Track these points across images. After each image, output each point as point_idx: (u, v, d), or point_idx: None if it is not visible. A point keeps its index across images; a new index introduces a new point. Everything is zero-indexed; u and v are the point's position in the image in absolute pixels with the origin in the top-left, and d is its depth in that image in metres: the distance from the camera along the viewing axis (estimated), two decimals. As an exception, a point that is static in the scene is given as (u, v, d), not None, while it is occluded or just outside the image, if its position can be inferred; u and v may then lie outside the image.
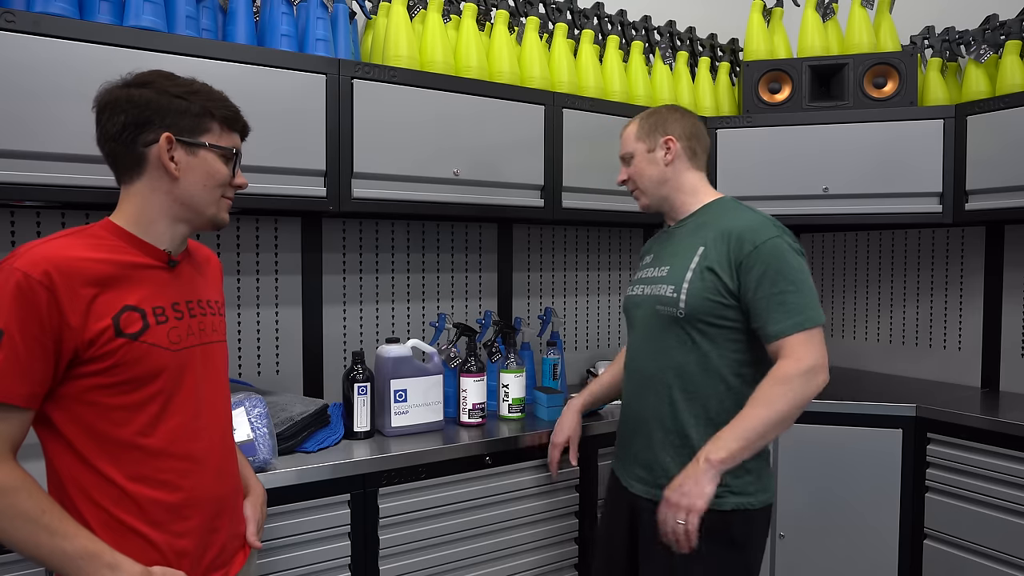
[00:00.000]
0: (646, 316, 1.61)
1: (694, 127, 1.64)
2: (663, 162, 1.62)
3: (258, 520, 1.30)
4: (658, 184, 1.64)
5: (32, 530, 0.98)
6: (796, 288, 1.42)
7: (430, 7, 2.13)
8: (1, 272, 0.99)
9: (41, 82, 1.50)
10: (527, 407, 2.18)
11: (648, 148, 1.63)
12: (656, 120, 1.64)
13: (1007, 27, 2.45)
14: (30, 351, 0.97)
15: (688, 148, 1.63)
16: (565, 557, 2.03)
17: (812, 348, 1.40)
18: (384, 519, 1.74)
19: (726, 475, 1.42)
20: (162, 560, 1.09)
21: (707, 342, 1.50)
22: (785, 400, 1.38)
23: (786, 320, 1.41)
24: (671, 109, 1.67)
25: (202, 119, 1.12)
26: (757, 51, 2.70)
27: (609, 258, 2.82)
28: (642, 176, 1.65)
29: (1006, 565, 2.01)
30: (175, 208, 1.13)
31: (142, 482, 1.07)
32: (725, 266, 1.47)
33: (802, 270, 1.45)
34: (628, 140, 1.68)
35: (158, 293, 1.11)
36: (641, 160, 1.65)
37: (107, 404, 1.04)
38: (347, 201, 1.87)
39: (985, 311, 2.60)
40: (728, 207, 1.59)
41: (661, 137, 1.62)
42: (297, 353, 2.16)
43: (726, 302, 1.47)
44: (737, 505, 1.47)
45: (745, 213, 1.54)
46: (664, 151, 1.62)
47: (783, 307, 1.41)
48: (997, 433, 2.03)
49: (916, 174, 2.39)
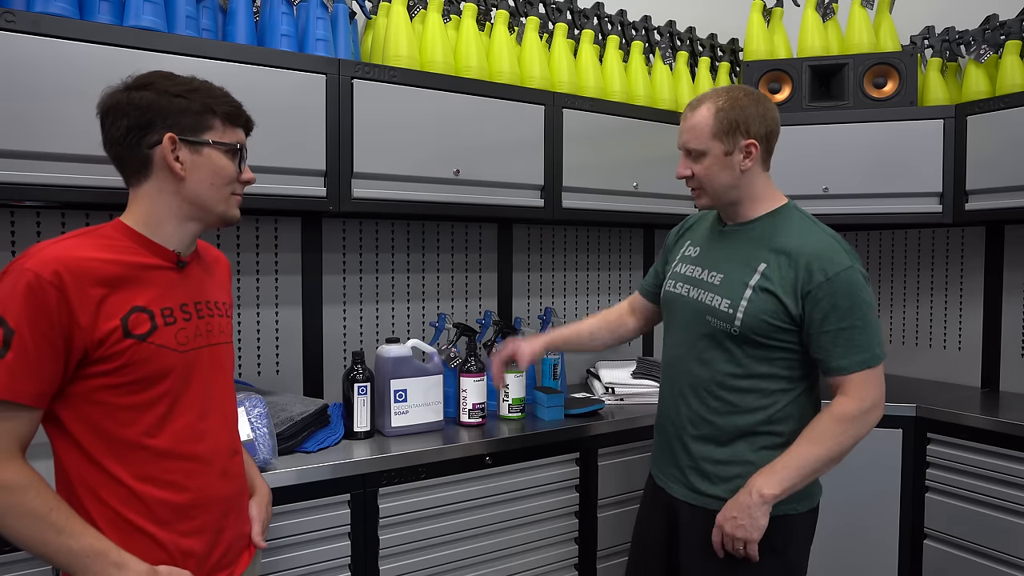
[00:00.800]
0: (691, 321, 1.52)
1: (775, 122, 1.46)
2: (740, 167, 1.44)
3: (263, 520, 1.30)
4: (730, 189, 1.46)
5: (40, 528, 0.98)
6: (864, 324, 1.36)
7: (430, 7, 2.13)
8: (12, 272, 0.99)
9: (41, 82, 1.50)
10: (527, 407, 2.18)
11: (726, 151, 1.43)
12: (737, 116, 1.41)
13: (1007, 27, 2.45)
14: (40, 350, 0.98)
15: (767, 150, 1.46)
16: (565, 557, 2.03)
17: (873, 387, 1.38)
18: (384, 519, 1.73)
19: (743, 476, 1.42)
20: (168, 559, 1.09)
21: (756, 359, 1.44)
22: (844, 439, 1.37)
23: (852, 357, 1.37)
24: (752, 99, 1.43)
25: (203, 116, 1.12)
26: (757, 51, 2.70)
27: (609, 258, 2.82)
28: (713, 180, 1.45)
29: (1006, 565, 2.01)
30: (184, 207, 1.13)
31: (149, 482, 1.08)
32: (790, 291, 1.38)
33: (871, 305, 1.38)
34: (700, 134, 1.44)
35: (167, 294, 1.12)
36: (715, 163, 1.44)
37: (115, 404, 1.05)
38: (347, 201, 1.87)
39: (985, 311, 2.60)
40: (795, 220, 1.46)
41: (743, 140, 1.42)
42: (297, 353, 2.16)
43: (785, 326, 1.40)
44: (778, 512, 1.41)
45: (814, 232, 1.43)
46: (743, 155, 1.43)
47: (850, 344, 1.36)
48: (997, 433, 2.03)
49: (916, 174, 2.39)
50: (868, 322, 1.37)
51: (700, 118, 1.44)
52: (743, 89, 1.46)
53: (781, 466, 1.37)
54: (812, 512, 1.50)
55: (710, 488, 1.49)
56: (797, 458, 1.37)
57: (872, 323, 1.38)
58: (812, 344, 1.40)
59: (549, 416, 2.09)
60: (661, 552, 1.60)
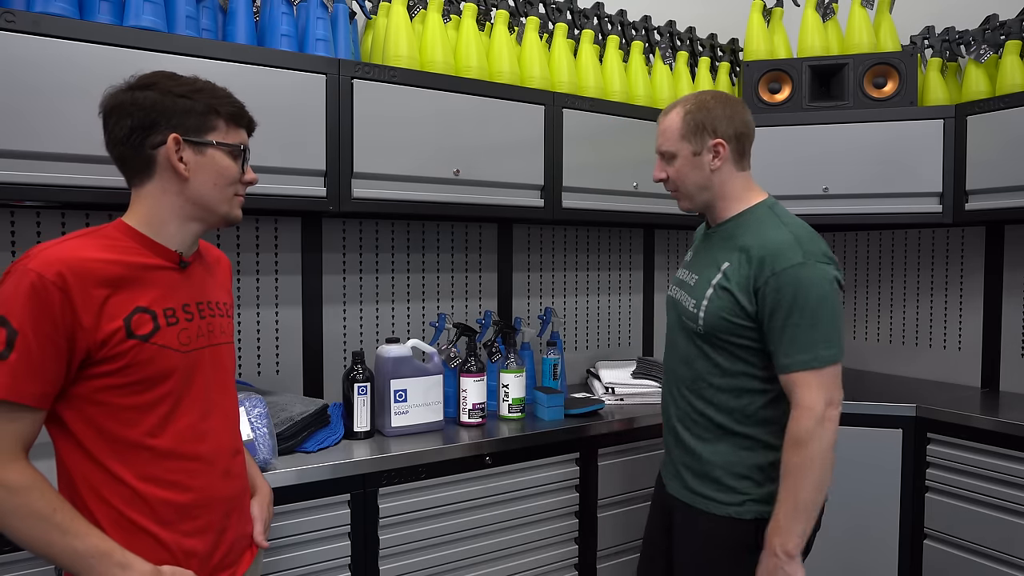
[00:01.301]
0: (675, 322, 1.58)
1: (744, 123, 1.49)
2: (709, 167, 1.48)
3: (265, 520, 1.31)
4: (702, 189, 1.51)
5: (44, 528, 0.98)
6: (812, 323, 1.33)
7: (430, 7, 2.13)
8: (15, 273, 0.99)
9: (41, 82, 1.50)
10: (527, 407, 2.18)
11: (694, 151, 1.48)
12: (704, 117, 1.47)
13: (1007, 27, 2.45)
14: (43, 351, 0.98)
15: (737, 150, 1.49)
16: (565, 557, 2.03)
17: (819, 391, 1.33)
18: (384, 519, 1.73)
19: (745, 484, 1.43)
20: (171, 559, 1.09)
21: (726, 357, 1.45)
22: (815, 460, 1.33)
23: (793, 356, 1.35)
24: (719, 101, 1.49)
25: (207, 117, 1.12)
26: (757, 51, 2.70)
27: (609, 258, 2.82)
28: (685, 180, 1.51)
29: (1006, 565, 2.01)
30: (187, 208, 1.13)
31: (152, 482, 1.08)
32: (745, 288, 1.40)
33: (823, 302, 1.34)
34: (670, 136, 1.50)
35: (169, 294, 1.12)
36: (685, 164, 1.49)
37: (117, 404, 1.05)
38: (347, 201, 1.87)
39: (985, 311, 2.60)
40: (763, 218, 1.46)
41: (710, 140, 1.47)
42: (297, 353, 2.16)
43: (743, 323, 1.41)
44: (759, 514, 1.43)
45: (773, 229, 1.42)
46: (712, 155, 1.47)
47: (792, 342, 1.34)
48: (997, 433, 2.03)
49: (916, 174, 2.39)
50: (816, 321, 1.34)
51: (670, 122, 1.51)
52: (712, 92, 1.51)
53: (783, 516, 1.36)
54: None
55: (701, 487, 1.50)
56: (792, 502, 1.35)
57: (821, 323, 1.34)
58: (767, 341, 1.40)
59: (549, 416, 2.09)
60: (663, 549, 1.62)
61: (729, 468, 1.46)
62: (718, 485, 1.47)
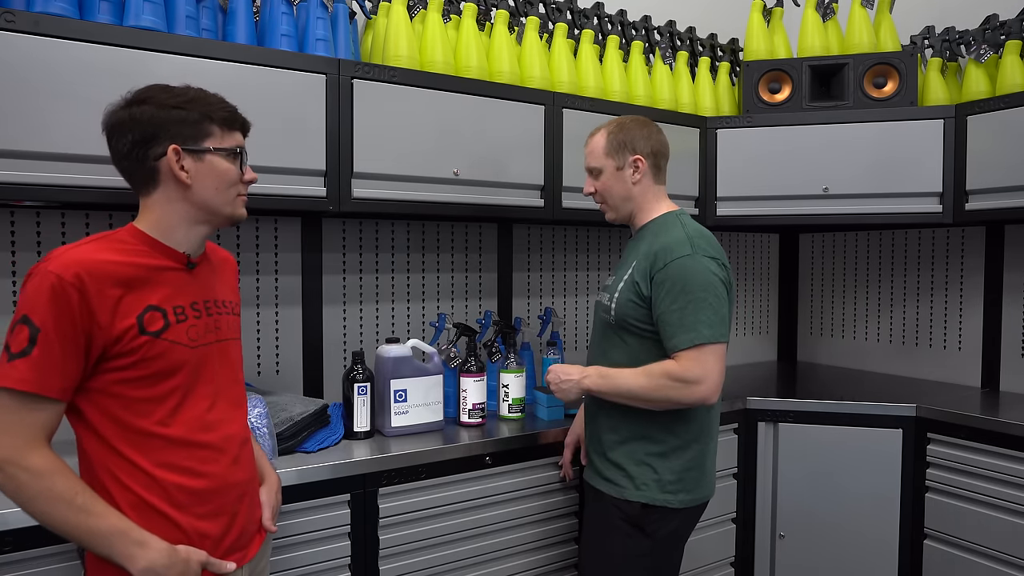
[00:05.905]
0: (596, 321, 1.76)
1: (660, 143, 1.70)
2: (631, 180, 1.67)
3: (273, 506, 1.37)
4: (624, 200, 1.70)
5: (66, 510, 1.06)
6: (696, 306, 1.50)
7: (430, 7, 2.13)
8: (37, 275, 1.07)
9: (41, 82, 1.50)
10: (527, 407, 2.18)
11: (617, 166, 1.68)
12: (624, 137, 1.67)
13: (1007, 27, 2.45)
14: (64, 348, 1.06)
15: (654, 165, 1.68)
16: (565, 557, 2.03)
17: (697, 364, 1.49)
18: (384, 519, 1.73)
19: (628, 464, 1.61)
20: (186, 540, 1.16)
21: (635, 343, 1.61)
22: (658, 390, 1.52)
23: (680, 336, 1.50)
24: (638, 124, 1.70)
25: (202, 124, 1.18)
26: (757, 51, 2.70)
27: (609, 258, 2.82)
28: (610, 192, 1.70)
29: (1006, 565, 2.01)
30: (193, 212, 1.20)
31: (167, 468, 1.15)
32: (644, 276, 1.58)
33: (706, 288, 1.51)
34: (596, 154, 1.70)
35: (178, 293, 1.19)
36: (610, 177, 1.69)
37: (131, 396, 1.13)
38: (347, 201, 1.87)
39: (985, 311, 2.60)
40: (666, 224, 1.65)
41: (630, 156, 1.66)
42: (297, 353, 2.16)
43: (644, 307, 1.58)
44: (640, 498, 1.59)
45: (673, 231, 1.61)
46: (632, 170, 1.67)
47: (680, 323, 1.50)
48: (997, 433, 2.03)
49: (916, 174, 2.39)
50: (699, 304, 1.50)
51: (596, 142, 1.71)
52: (632, 118, 1.73)
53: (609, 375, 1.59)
54: (692, 510, 1.63)
55: (607, 471, 1.66)
56: (621, 377, 1.57)
57: (704, 305, 1.50)
58: (660, 332, 1.56)
59: (549, 416, 2.09)
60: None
61: (631, 455, 1.61)
62: (620, 471, 1.62)
